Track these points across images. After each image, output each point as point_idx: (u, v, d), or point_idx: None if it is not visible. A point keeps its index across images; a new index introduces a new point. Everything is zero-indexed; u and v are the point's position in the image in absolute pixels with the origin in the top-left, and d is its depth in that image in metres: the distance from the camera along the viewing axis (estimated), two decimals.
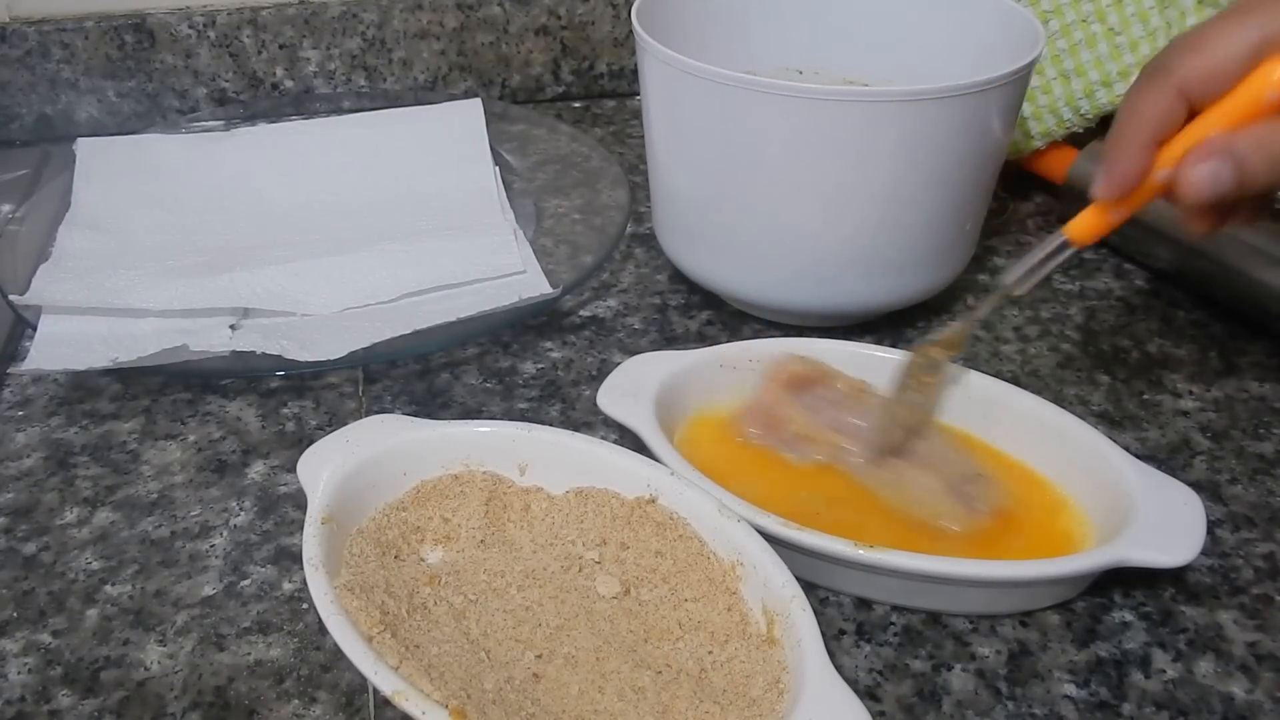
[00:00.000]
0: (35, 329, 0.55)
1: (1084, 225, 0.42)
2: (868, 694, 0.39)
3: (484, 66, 0.83)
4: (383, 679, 0.34)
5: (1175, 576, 0.44)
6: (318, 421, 0.52)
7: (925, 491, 0.44)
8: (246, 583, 0.44)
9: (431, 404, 0.53)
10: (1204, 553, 0.40)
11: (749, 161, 0.51)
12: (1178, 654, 0.41)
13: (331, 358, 0.52)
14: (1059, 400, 0.50)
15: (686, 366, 0.49)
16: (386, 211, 0.67)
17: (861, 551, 0.40)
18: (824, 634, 0.36)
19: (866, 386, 0.48)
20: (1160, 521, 0.41)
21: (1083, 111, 0.65)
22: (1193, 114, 0.38)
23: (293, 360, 0.52)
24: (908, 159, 0.49)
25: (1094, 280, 0.63)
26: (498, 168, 0.70)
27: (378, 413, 0.50)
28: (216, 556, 0.45)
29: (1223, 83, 0.37)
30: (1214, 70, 0.36)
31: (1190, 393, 0.54)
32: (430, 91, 0.82)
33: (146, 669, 0.40)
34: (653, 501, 0.42)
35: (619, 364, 0.49)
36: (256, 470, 0.50)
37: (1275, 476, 0.49)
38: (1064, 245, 0.43)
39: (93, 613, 0.42)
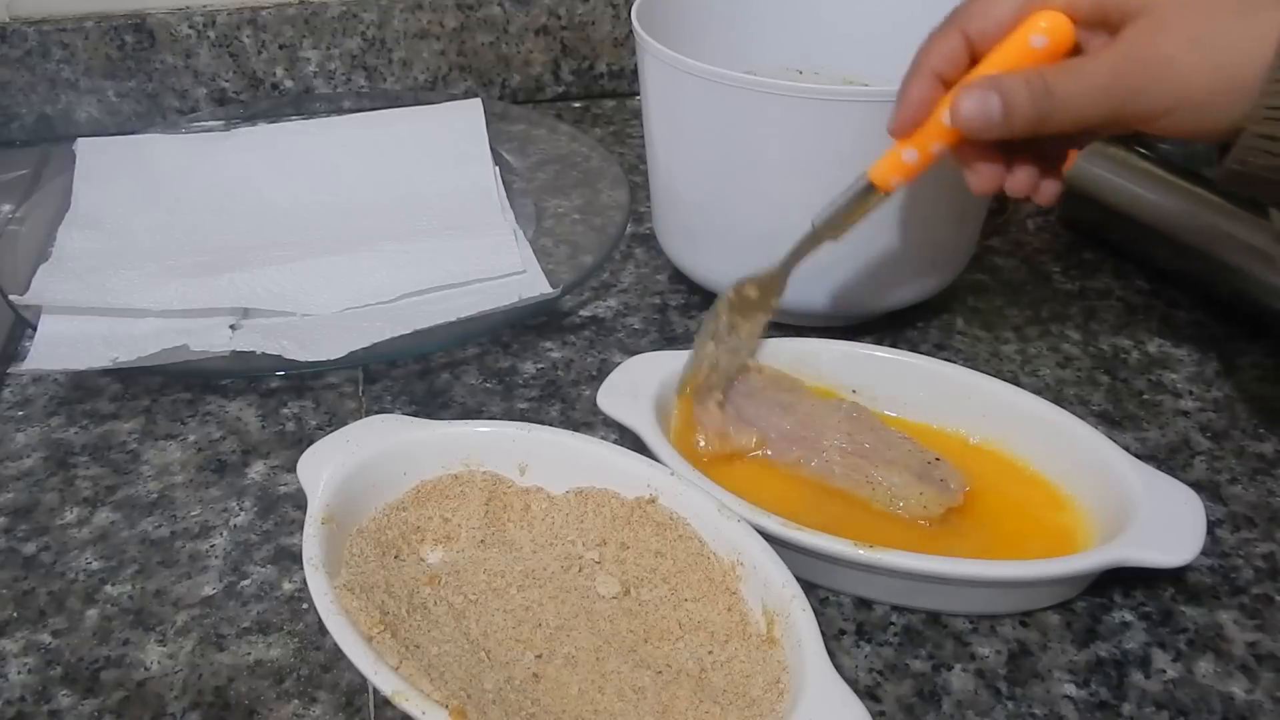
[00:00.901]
0: (35, 329, 0.55)
1: (882, 165, 0.43)
2: (868, 694, 0.39)
3: (484, 66, 0.83)
4: (383, 679, 0.34)
5: (1175, 576, 0.43)
6: (318, 421, 0.52)
7: (899, 486, 0.44)
8: (246, 583, 0.44)
9: (431, 404, 0.53)
10: (1204, 553, 0.40)
11: (749, 161, 0.51)
12: (1178, 654, 0.41)
13: (331, 358, 0.52)
14: (1059, 400, 0.50)
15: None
16: (386, 211, 0.67)
17: (861, 551, 0.40)
18: (824, 634, 0.36)
19: (752, 366, 0.49)
20: (1160, 521, 0.41)
21: None
22: (975, 60, 0.41)
23: (293, 360, 0.52)
24: None
25: (1094, 280, 0.63)
26: (498, 168, 0.70)
27: (378, 413, 0.50)
28: (216, 556, 0.45)
29: (998, 30, 0.40)
30: (992, 17, 0.40)
31: (1190, 393, 0.54)
32: (430, 91, 0.82)
33: (146, 669, 0.40)
34: (653, 501, 0.42)
35: (619, 364, 0.49)
36: (256, 470, 0.50)
37: (1275, 476, 0.49)
38: (868, 187, 0.44)
39: (93, 613, 0.42)
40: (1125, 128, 0.39)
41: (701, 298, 0.61)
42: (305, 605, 0.43)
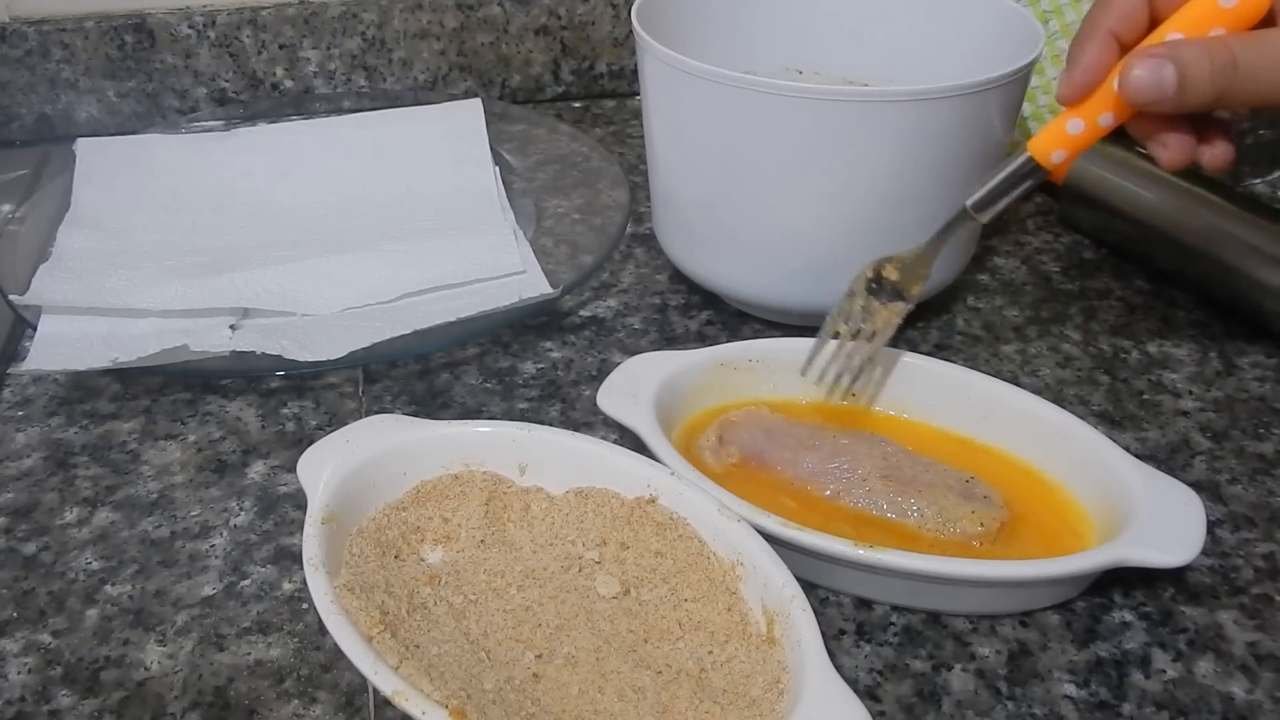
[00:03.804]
0: (35, 329, 0.55)
1: (1043, 138, 0.40)
2: (868, 694, 0.39)
3: (484, 66, 0.83)
4: (383, 679, 0.35)
5: (1175, 576, 0.43)
6: (318, 421, 0.52)
7: (950, 508, 0.43)
8: (246, 583, 0.44)
9: (431, 404, 0.53)
10: (1204, 553, 0.40)
11: (749, 161, 0.51)
12: (1178, 654, 0.41)
13: (331, 358, 0.52)
14: (1059, 400, 0.50)
15: (686, 366, 0.49)
16: (386, 211, 0.67)
17: (861, 551, 0.40)
18: (824, 634, 0.36)
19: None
20: (1160, 521, 0.41)
21: None
22: (1156, 23, 0.37)
23: (293, 360, 0.52)
24: (908, 159, 0.49)
25: (1094, 280, 0.63)
26: (498, 168, 0.70)
27: (378, 413, 0.49)
28: (216, 556, 0.45)
29: None
30: None
31: (1190, 393, 0.54)
32: (430, 91, 0.82)
33: (146, 669, 0.40)
34: (653, 501, 0.42)
35: (619, 364, 0.49)
36: (256, 470, 0.50)
37: (1275, 476, 0.49)
38: (1027, 162, 0.41)
39: (93, 613, 0.42)
40: None
41: (701, 298, 0.61)
42: (305, 605, 0.43)
